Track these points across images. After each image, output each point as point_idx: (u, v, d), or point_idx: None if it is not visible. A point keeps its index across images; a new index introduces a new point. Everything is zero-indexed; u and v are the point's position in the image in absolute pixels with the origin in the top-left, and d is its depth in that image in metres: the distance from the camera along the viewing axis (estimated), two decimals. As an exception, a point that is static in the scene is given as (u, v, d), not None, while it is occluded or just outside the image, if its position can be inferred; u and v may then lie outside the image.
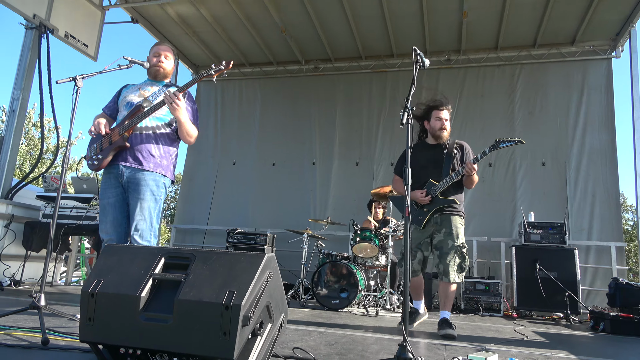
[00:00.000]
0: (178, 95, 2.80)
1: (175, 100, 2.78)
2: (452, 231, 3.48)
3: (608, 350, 3.22)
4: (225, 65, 2.83)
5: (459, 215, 3.56)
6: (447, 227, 3.50)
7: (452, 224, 3.50)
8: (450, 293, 3.49)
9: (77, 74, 2.85)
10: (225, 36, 7.89)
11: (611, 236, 6.43)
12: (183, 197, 8.72)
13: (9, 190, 5.56)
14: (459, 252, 3.45)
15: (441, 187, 3.51)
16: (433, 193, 3.53)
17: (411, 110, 2.30)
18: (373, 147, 7.81)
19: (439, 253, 3.50)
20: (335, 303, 4.88)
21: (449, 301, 3.50)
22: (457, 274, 3.45)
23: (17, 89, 5.75)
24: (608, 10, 6.45)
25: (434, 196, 3.53)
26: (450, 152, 3.61)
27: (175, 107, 2.80)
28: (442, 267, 3.45)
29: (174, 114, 2.87)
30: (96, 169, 2.97)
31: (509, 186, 7.09)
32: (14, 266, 5.33)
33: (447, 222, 3.51)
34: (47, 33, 5.94)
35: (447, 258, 3.43)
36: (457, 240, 3.47)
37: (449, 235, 3.48)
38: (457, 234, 3.49)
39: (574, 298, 5.27)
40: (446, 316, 3.39)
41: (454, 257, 3.44)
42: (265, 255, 1.79)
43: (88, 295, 1.78)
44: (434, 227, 3.56)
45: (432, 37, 7.37)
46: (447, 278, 3.43)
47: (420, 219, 3.58)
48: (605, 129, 6.91)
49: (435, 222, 3.55)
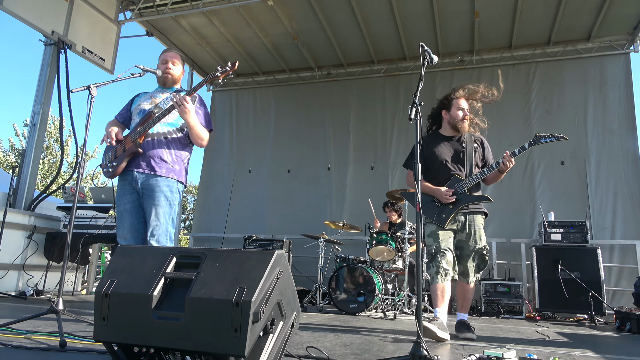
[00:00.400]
0: (186, 99, 2.84)
1: (184, 102, 2.82)
2: (476, 233, 3.30)
3: (634, 349, 3.11)
4: (230, 66, 2.88)
5: (482, 214, 3.38)
6: (470, 228, 3.31)
7: (476, 225, 3.32)
8: (469, 294, 3.34)
9: (91, 83, 2.91)
10: (238, 46, 7.99)
11: (636, 234, 6.25)
12: (200, 206, 8.81)
13: (31, 202, 5.69)
14: (480, 254, 3.30)
15: (469, 184, 3.29)
16: (460, 190, 3.29)
17: (419, 105, 2.28)
18: (388, 150, 7.79)
19: (458, 253, 3.32)
20: (353, 307, 4.85)
21: (467, 302, 3.35)
22: (475, 275, 3.33)
23: (38, 104, 5.91)
24: (624, 3, 6.33)
25: (461, 193, 3.29)
26: (471, 146, 3.40)
27: (183, 110, 2.83)
28: (462, 268, 3.30)
29: (183, 117, 2.90)
30: (111, 176, 3.03)
31: (527, 186, 6.97)
32: (37, 276, 5.45)
33: (471, 222, 3.31)
34: (65, 48, 6.10)
35: (468, 260, 3.28)
36: (480, 242, 3.30)
37: (472, 237, 3.29)
38: (480, 236, 3.31)
39: (599, 298, 5.13)
40: (464, 318, 3.25)
41: (475, 259, 3.29)
42: (275, 252, 1.79)
43: (102, 295, 1.80)
44: (457, 225, 3.33)
45: (444, 39, 7.33)
46: (466, 279, 3.29)
47: (444, 217, 3.31)
48: (626, 125, 6.75)
49: (459, 220, 3.33)
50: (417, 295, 2.05)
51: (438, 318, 3.07)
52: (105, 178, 3.14)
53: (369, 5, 6.69)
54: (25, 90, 37.79)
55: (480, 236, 3.30)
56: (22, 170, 5.73)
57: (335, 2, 6.65)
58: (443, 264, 3.19)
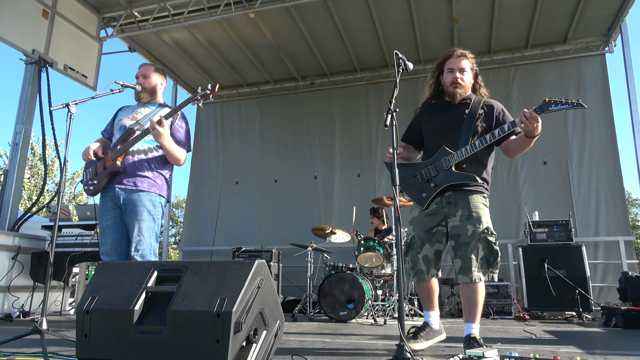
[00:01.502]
0: (162, 122, 2.84)
1: (157, 127, 2.82)
2: (472, 213, 2.57)
3: (617, 344, 3.16)
4: (210, 89, 2.88)
5: (480, 192, 2.65)
6: (464, 208, 2.59)
7: (472, 204, 2.60)
8: (475, 297, 2.52)
9: (70, 100, 2.91)
10: (222, 59, 8.02)
11: (618, 231, 6.37)
12: (188, 220, 8.77)
13: (15, 222, 5.63)
14: (484, 240, 2.54)
15: (457, 158, 2.61)
16: (445, 165, 2.64)
17: (395, 112, 2.31)
18: (373, 157, 7.85)
19: (454, 243, 2.59)
20: (343, 314, 4.85)
21: (475, 309, 2.52)
22: (482, 270, 2.53)
23: (20, 123, 5.87)
24: (597, 6, 6.49)
25: (445, 169, 2.64)
26: (474, 113, 2.68)
27: (157, 134, 2.84)
28: (460, 262, 2.54)
29: (157, 141, 2.91)
30: (93, 194, 3.03)
31: (512, 187, 7.06)
32: (23, 297, 5.37)
33: (464, 202, 2.61)
34: (47, 67, 6.08)
35: (467, 249, 2.53)
36: (480, 225, 2.55)
37: (469, 219, 2.56)
38: (479, 217, 2.57)
39: (585, 295, 5.20)
40: (472, 331, 2.50)
41: (476, 247, 2.53)
42: (256, 261, 1.81)
43: (83, 313, 1.80)
44: (447, 208, 2.65)
45: (425, 45, 7.44)
46: (467, 276, 2.49)
47: (424, 197, 2.68)
48: (605, 124, 6.89)
49: (448, 201, 2.64)
50: (399, 298, 2.07)
51: (427, 324, 2.72)
52: (87, 195, 3.13)
53: (349, 15, 6.78)
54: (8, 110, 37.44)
55: (478, 217, 2.57)
56: (5, 190, 5.68)
57: (316, 13, 6.73)
58: (419, 261, 2.69)
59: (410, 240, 2.76)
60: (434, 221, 2.68)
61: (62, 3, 6.34)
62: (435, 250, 2.68)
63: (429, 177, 2.69)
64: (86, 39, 6.80)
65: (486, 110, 2.72)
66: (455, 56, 2.78)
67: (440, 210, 2.66)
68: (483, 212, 2.61)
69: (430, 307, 2.78)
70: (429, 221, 2.69)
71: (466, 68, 2.77)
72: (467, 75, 2.77)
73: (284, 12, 6.65)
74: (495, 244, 2.57)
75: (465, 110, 2.71)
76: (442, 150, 2.68)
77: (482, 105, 2.73)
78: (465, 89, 2.76)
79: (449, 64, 2.79)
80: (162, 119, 2.85)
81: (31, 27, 5.91)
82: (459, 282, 2.58)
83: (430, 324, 2.73)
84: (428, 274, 2.69)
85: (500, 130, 2.55)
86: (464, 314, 2.58)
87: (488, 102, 2.76)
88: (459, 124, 2.68)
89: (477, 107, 2.71)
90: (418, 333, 2.66)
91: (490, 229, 2.59)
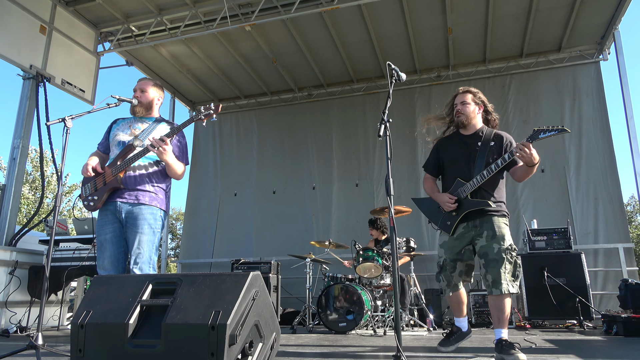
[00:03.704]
0: (166, 141, 2.89)
1: (162, 146, 2.87)
2: (496, 233, 2.91)
3: (617, 352, 3.14)
4: (214, 109, 2.93)
5: (502, 215, 2.99)
6: (489, 230, 2.93)
7: (495, 225, 2.93)
8: (504, 307, 2.83)
9: (66, 115, 2.93)
10: (219, 71, 8.07)
11: (618, 238, 6.36)
12: (187, 232, 8.75)
13: (13, 237, 5.61)
14: (509, 256, 2.87)
15: (471, 188, 2.97)
16: (462, 195, 3.01)
17: (388, 122, 2.32)
18: (371, 167, 7.86)
19: (484, 261, 2.93)
20: (342, 326, 4.82)
21: (504, 316, 2.84)
22: (511, 284, 2.83)
23: (17, 138, 5.88)
24: (590, 14, 6.55)
25: (463, 198, 3.00)
26: (486, 145, 3.03)
27: (161, 152, 2.89)
28: (491, 277, 2.85)
29: (161, 158, 2.96)
30: (93, 210, 3.03)
31: (510, 195, 7.04)
32: (20, 313, 5.33)
33: (488, 224, 2.95)
34: (44, 82, 6.11)
35: (497, 266, 2.84)
36: (504, 242, 2.89)
37: (494, 239, 2.90)
38: (503, 236, 2.91)
39: (586, 303, 5.17)
40: (502, 335, 2.79)
41: (505, 263, 2.84)
42: (250, 274, 1.81)
43: (78, 327, 1.79)
44: (473, 231, 3.00)
45: (421, 55, 7.49)
46: (499, 289, 2.81)
47: (449, 225, 3.06)
48: (601, 131, 6.91)
49: (474, 225, 3.00)
50: (395, 310, 2.06)
51: (459, 328, 3.18)
52: (87, 210, 3.13)
53: (344, 27, 6.83)
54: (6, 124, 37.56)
55: (502, 236, 2.91)
56: (3, 205, 5.67)
57: (312, 25, 6.78)
58: (453, 278, 3.05)
59: (442, 263, 3.11)
60: (462, 244, 3.04)
61: (60, 19, 6.39)
62: (466, 264, 3.09)
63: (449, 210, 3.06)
64: (84, 54, 6.84)
65: (496, 142, 3.05)
66: (459, 93, 3.25)
67: (468, 234, 3.03)
68: (505, 230, 2.95)
69: (460, 314, 3.20)
70: (457, 244, 3.05)
71: (467, 100, 3.17)
72: (469, 106, 3.16)
73: (280, 24, 6.70)
74: (518, 258, 2.92)
75: (478, 143, 3.08)
76: (457, 183, 3.06)
77: (492, 137, 3.07)
78: (468, 117, 3.14)
79: (454, 100, 3.23)
80: (166, 138, 2.90)
81: (29, 42, 5.95)
82: (492, 294, 2.87)
83: (461, 329, 3.18)
84: (459, 285, 3.11)
85: (502, 160, 2.91)
86: (493, 321, 2.94)
87: (498, 134, 3.09)
88: (473, 156, 3.05)
89: (489, 139, 3.06)
90: (451, 335, 3.17)
91: (513, 245, 2.93)
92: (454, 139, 3.22)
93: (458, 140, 3.18)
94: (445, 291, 3.12)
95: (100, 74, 7.13)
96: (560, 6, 6.34)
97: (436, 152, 3.30)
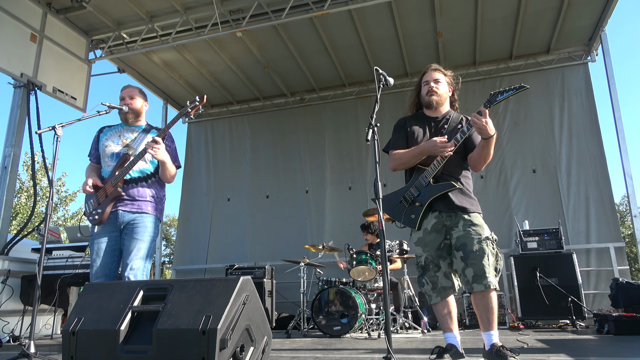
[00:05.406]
0: (158, 140, 2.95)
1: (155, 146, 2.93)
2: (474, 221, 2.59)
3: (608, 350, 3.17)
4: (199, 100, 2.97)
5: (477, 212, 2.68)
6: (464, 219, 2.60)
7: (470, 215, 2.63)
8: (492, 303, 2.47)
9: (56, 123, 2.94)
10: (211, 77, 8.09)
11: (609, 237, 6.41)
12: (180, 238, 8.73)
13: (5, 246, 5.58)
14: (491, 247, 2.54)
15: (432, 172, 2.65)
16: (423, 182, 2.68)
17: (376, 126, 2.35)
18: (364, 170, 7.89)
19: (462, 254, 2.52)
20: (337, 329, 4.83)
21: (492, 316, 2.47)
22: (495, 276, 2.51)
23: (9, 146, 5.86)
24: (578, 16, 6.63)
25: (425, 185, 2.67)
26: (453, 129, 2.72)
27: (156, 151, 2.94)
28: (473, 270, 2.47)
29: (156, 158, 3.02)
30: (98, 223, 3.06)
31: (502, 197, 7.11)
32: (13, 322, 5.30)
33: (463, 213, 2.64)
34: (35, 90, 6.10)
35: (478, 257, 2.48)
36: (484, 231, 2.57)
37: (472, 225, 2.56)
38: (481, 224, 2.60)
39: (578, 303, 5.21)
40: (493, 339, 2.45)
41: (486, 253, 2.49)
42: (241, 278, 1.82)
43: (69, 334, 1.80)
44: (448, 221, 2.65)
45: (411, 59, 7.54)
46: (483, 283, 2.44)
47: (413, 218, 2.70)
48: (590, 131, 6.98)
49: (449, 215, 2.65)
50: (385, 311, 2.08)
51: (453, 346, 2.55)
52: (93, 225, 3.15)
53: (335, 32, 6.87)
54: (-1, 133, 37.33)
55: (482, 224, 2.61)
56: (-6, 214, 5.64)
57: (303, 31, 6.82)
58: (438, 279, 2.62)
59: (423, 262, 2.71)
60: (440, 236, 2.67)
61: (51, 27, 6.38)
62: (449, 264, 2.66)
63: (413, 198, 2.73)
64: (75, 62, 6.83)
65: (462, 123, 2.77)
66: (430, 70, 2.93)
67: (442, 226, 2.67)
68: (482, 220, 2.65)
69: (452, 327, 2.63)
70: (435, 238, 2.67)
71: (440, 79, 2.88)
72: (442, 85, 2.87)
73: (271, 30, 6.73)
74: (499, 250, 2.61)
75: (445, 126, 2.80)
76: (418, 170, 2.76)
77: (459, 120, 2.80)
78: (440, 97, 2.85)
79: (424, 78, 2.93)
80: (158, 138, 2.96)
81: (19, 51, 5.94)
82: (473, 291, 2.49)
83: (457, 346, 2.56)
84: (453, 288, 2.66)
85: (461, 134, 2.59)
86: (480, 323, 2.51)
87: (466, 118, 2.80)
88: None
89: (456, 123, 2.79)
90: (444, 353, 2.51)
91: (493, 234, 2.61)
92: (420, 119, 2.89)
93: (424, 121, 2.86)
94: (431, 297, 2.65)
95: (92, 81, 7.13)
96: (547, 8, 6.42)
97: (404, 129, 2.92)
